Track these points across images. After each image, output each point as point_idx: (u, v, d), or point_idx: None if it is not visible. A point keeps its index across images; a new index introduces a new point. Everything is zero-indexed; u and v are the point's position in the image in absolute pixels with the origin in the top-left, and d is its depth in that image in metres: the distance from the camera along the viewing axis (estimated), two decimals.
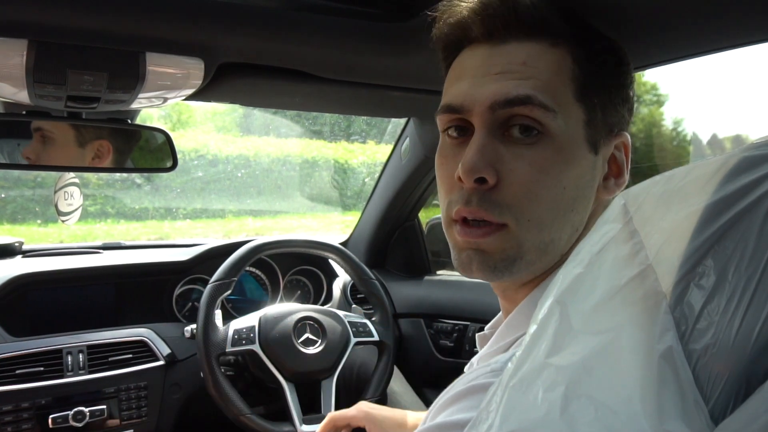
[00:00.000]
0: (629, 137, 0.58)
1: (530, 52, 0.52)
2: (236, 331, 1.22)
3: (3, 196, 2.65)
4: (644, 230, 0.35)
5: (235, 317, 1.28)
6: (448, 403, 0.48)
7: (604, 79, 0.55)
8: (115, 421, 1.22)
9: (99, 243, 1.64)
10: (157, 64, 0.79)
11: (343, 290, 1.64)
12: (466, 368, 0.60)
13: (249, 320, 1.25)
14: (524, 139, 0.51)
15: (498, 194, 0.51)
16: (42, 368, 1.19)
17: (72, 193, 1.27)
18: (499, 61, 0.53)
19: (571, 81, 0.53)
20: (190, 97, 0.95)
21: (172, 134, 1.10)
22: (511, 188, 0.51)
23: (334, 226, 3.16)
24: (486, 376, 0.47)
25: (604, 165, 0.56)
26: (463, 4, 0.55)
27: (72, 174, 1.28)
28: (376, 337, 1.32)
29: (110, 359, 1.25)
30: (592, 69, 0.54)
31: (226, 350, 1.19)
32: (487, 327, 0.64)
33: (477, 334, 0.65)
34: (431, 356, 1.48)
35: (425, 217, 1.71)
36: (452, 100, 0.55)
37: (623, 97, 0.57)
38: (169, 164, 1.12)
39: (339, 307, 1.54)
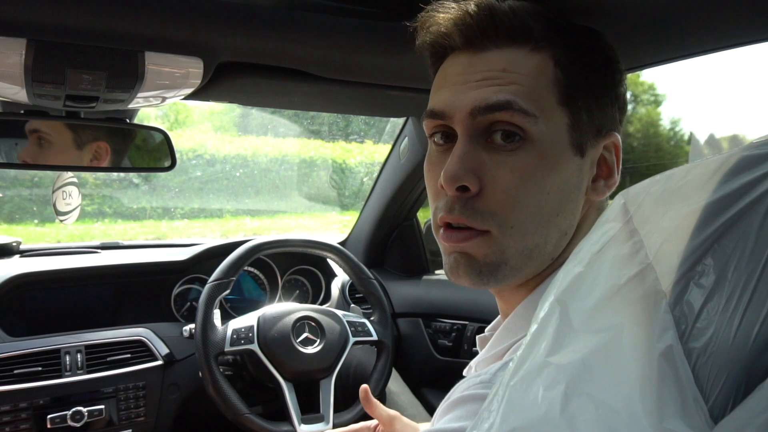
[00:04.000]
0: (619, 137, 0.57)
1: (510, 58, 0.52)
2: (235, 331, 1.22)
3: (0, 195, 2.64)
4: (644, 229, 0.35)
5: (233, 317, 1.28)
6: (445, 411, 0.50)
7: (590, 81, 0.54)
8: (114, 421, 1.22)
9: (97, 243, 1.64)
10: (156, 64, 0.79)
11: (342, 290, 1.63)
12: (465, 371, 0.61)
13: (247, 320, 1.25)
14: (506, 146, 0.51)
15: (480, 202, 0.51)
16: (40, 368, 1.18)
17: (70, 192, 1.26)
18: (480, 69, 0.53)
19: (553, 85, 0.52)
20: (189, 97, 0.95)
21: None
22: (493, 195, 0.51)
23: (332, 226, 3.15)
24: (476, 386, 0.48)
25: (593, 167, 0.55)
26: (441, 14, 0.55)
27: (70, 173, 1.27)
28: (374, 337, 1.32)
29: (108, 359, 1.25)
30: (575, 72, 0.53)
31: (225, 350, 1.19)
32: (487, 329, 0.64)
33: (477, 336, 0.65)
34: (429, 356, 1.48)
35: (424, 216, 1.71)
36: (435, 106, 0.55)
37: (612, 97, 0.56)
38: (167, 164, 1.12)
39: (337, 307, 1.54)
